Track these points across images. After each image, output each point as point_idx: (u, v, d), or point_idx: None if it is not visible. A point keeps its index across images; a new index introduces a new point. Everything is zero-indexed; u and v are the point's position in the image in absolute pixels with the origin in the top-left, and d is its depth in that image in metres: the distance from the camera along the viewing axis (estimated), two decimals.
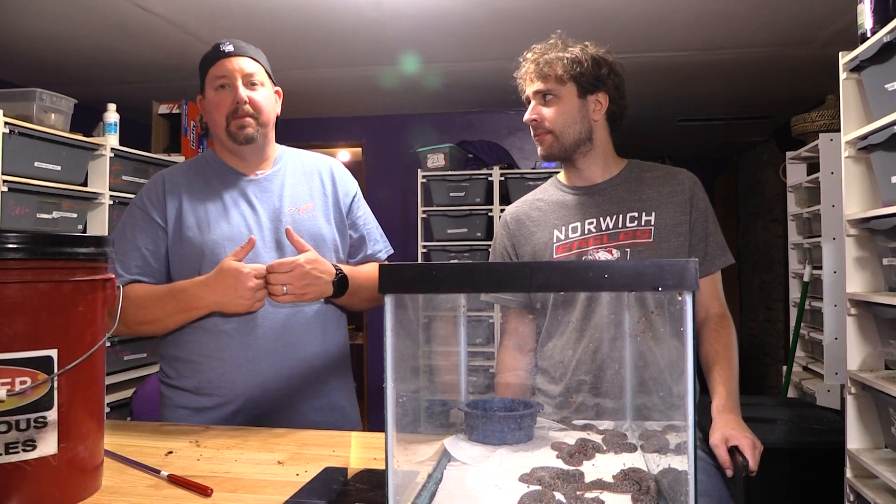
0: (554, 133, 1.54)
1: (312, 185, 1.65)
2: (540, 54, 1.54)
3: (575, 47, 1.53)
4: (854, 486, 1.93)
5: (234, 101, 1.53)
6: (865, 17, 1.89)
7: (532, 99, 1.56)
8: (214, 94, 1.55)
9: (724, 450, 1.27)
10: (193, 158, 1.70)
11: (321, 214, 1.62)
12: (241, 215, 1.56)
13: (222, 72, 1.54)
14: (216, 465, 1.16)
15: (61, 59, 3.45)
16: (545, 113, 1.54)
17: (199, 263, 1.51)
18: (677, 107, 4.65)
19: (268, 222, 1.56)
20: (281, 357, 1.52)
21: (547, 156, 1.57)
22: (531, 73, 1.55)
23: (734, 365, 1.46)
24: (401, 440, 0.82)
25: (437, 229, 4.13)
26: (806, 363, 3.46)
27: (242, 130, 1.54)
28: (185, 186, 1.59)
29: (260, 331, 1.50)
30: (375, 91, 4.21)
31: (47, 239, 0.94)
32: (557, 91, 1.53)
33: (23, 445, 0.90)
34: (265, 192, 1.60)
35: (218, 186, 1.59)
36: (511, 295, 1.62)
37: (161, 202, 1.57)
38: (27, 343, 0.91)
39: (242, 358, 1.50)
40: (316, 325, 1.57)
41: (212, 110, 1.56)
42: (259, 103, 1.56)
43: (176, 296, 1.47)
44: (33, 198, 2.62)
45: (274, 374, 1.52)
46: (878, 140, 1.81)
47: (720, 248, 1.54)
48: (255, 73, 1.56)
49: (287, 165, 1.66)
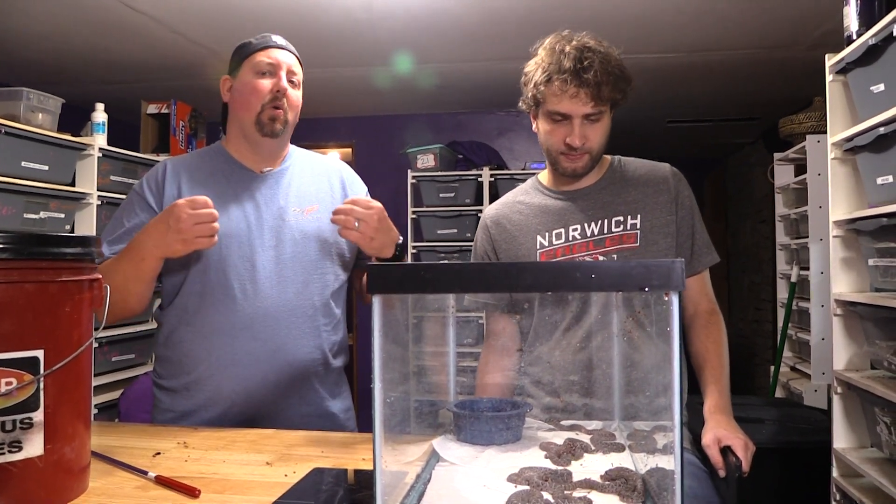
0: (591, 153, 1.48)
1: (320, 188, 1.63)
2: (594, 74, 1.38)
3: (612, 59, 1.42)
4: (840, 485, 1.95)
5: (276, 89, 1.52)
6: (851, 19, 1.90)
7: (575, 119, 1.43)
8: (254, 78, 1.53)
9: (717, 450, 1.27)
10: (203, 149, 1.67)
11: (326, 217, 1.56)
12: (241, 211, 1.53)
13: (271, 59, 1.53)
14: (204, 467, 1.15)
15: (49, 58, 3.42)
16: (591, 135, 1.45)
17: (194, 257, 1.48)
18: (666, 108, 4.67)
19: (270, 220, 1.54)
20: (268, 361, 1.48)
21: (577, 174, 1.51)
22: (583, 94, 1.40)
23: (725, 363, 1.45)
24: (389, 440, 0.82)
25: (427, 230, 4.14)
26: (793, 363, 3.48)
27: (274, 123, 1.53)
28: (187, 174, 1.56)
29: (248, 332, 1.47)
30: (366, 91, 4.21)
31: (33, 239, 0.94)
32: (604, 111, 1.45)
33: (8, 447, 0.90)
34: (271, 190, 1.57)
35: (222, 180, 1.56)
36: (494, 298, 1.59)
37: (160, 188, 1.54)
38: (13, 343, 0.90)
39: (228, 360, 1.47)
40: (308, 330, 1.53)
41: (247, 93, 1.53)
42: (294, 101, 1.56)
43: (125, 252, 1.41)
44: (20, 198, 2.61)
45: (260, 379, 1.48)
46: (863, 142, 1.83)
47: (706, 245, 1.54)
48: (297, 73, 1.58)
49: (295, 165, 1.64)
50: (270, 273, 1.50)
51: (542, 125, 1.50)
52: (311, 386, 1.55)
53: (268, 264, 1.50)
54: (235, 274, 1.48)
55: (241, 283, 1.48)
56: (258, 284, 1.49)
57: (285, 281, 1.51)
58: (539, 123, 1.52)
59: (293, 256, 1.53)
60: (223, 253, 1.48)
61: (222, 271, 1.48)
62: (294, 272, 1.52)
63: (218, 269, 1.48)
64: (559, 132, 1.46)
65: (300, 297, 1.52)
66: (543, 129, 1.50)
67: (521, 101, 1.54)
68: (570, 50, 1.41)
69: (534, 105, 1.50)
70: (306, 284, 1.53)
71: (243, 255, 1.49)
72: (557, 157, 1.49)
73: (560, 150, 1.48)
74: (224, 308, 1.47)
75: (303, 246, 1.54)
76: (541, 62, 1.46)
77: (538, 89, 1.45)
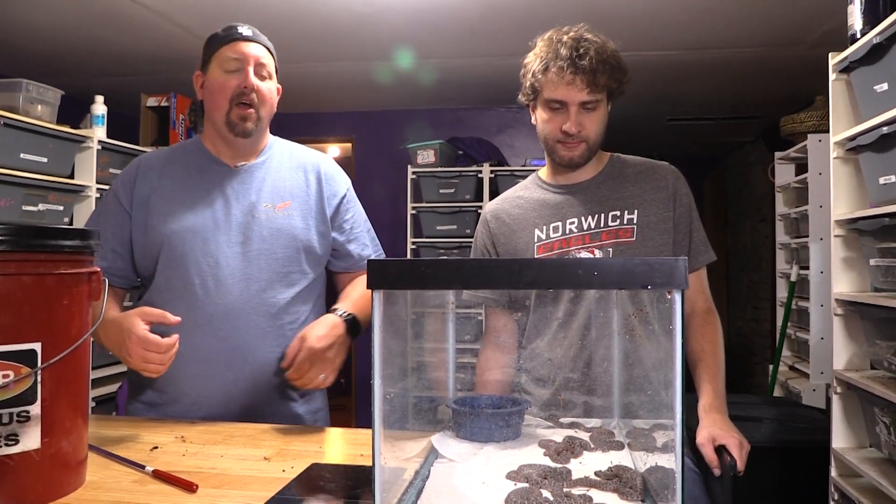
0: (588, 142, 1.49)
1: (296, 183, 1.59)
2: (590, 61, 1.41)
3: (608, 49, 1.45)
4: (839, 484, 1.95)
5: (243, 85, 1.49)
6: (855, 18, 1.89)
7: (571, 106, 1.45)
8: (222, 74, 1.50)
9: (711, 449, 1.27)
10: (177, 144, 1.64)
11: (298, 214, 1.55)
12: (210, 207, 1.50)
13: (237, 54, 1.49)
14: (202, 461, 1.15)
15: (49, 49, 3.41)
16: (587, 123, 1.47)
17: (157, 252, 1.47)
18: (667, 106, 4.66)
19: (239, 216, 1.51)
20: (227, 360, 1.46)
21: (574, 164, 1.51)
22: (579, 80, 1.42)
23: (720, 362, 1.45)
24: (388, 437, 0.81)
25: (427, 226, 4.13)
26: (792, 362, 3.48)
27: (244, 123, 1.50)
28: (159, 171, 1.54)
29: (208, 330, 1.45)
30: (366, 86, 4.20)
31: (31, 231, 0.93)
32: (600, 99, 1.46)
33: (5, 440, 0.89)
34: (243, 185, 1.54)
35: (195, 175, 1.54)
36: (494, 294, 1.59)
37: (131, 185, 1.53)
38: (10, 336, 0.90)
39: (188, 357, 1.41)
40: (270, 329, 1.49)
41: (216, 91, 1.50)
42: (265, 94, 1.52)
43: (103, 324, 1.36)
44: (19, 189, 2.60)
45: (219, 377, 1.46)
46: (866, 141, 1.82)
47: (703, 243, 1.54)
48: (267, 64, 1.53)
49: (273, 158, 1.60)
50: (234, 270, 1.48)
51: (540, 114, 1.52)
52: (274, 386, 1.51)
53: (232, 261, 1.48)
54: (197, 270, 1.47)
55: (202, 279, 1.46)
56: (220, 281, 1.47)
57: (249, 278, 1.48)
58: (537, 114, 1.53)
59: (259, 253, 1.50)
60: (186, 249, 1.47)
61: (185, 267, 1.47)
62: (259, 269, 1.49)
63: (180, 265, 1.47)
64: (556, 120, 1.48)
65: (264, 294, 1.49)
66: (541, 118, 1.51)
67: (521, 93, 1.56)
68: (567, 40, 1.45)
69: (532, 95, 1.52)
70: (271, 282, 1.50)
71: (207, 252, 1.47)
72: (554, 145, 1.51)
73: (557, 139, 1.49)
74: (185, 304, 1.45)
75: (270, 243, 1.51)
76: (539, 52, 1.49)
77: (536, 78, 1.48)
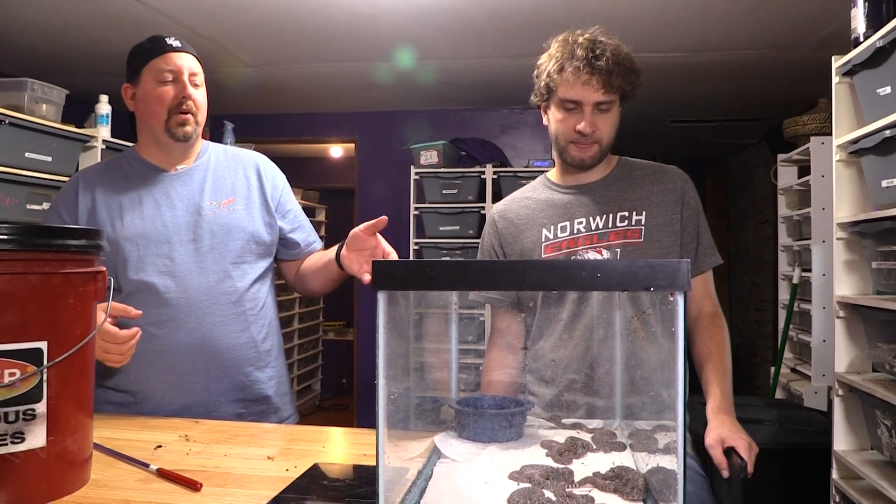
0: (601, 144, 1.49)
1: (236, 180, 1.64)
2: (606, 62, 1.42)
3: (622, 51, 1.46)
4: (840, 487, 1.95)
5: (181, 95, 1.54)
6: (859, 21, 1.90)
7: (586, 106, 1.45)
8: (156, 86, 1.55)
9: (720, 451, 1.27)
10: (114, 157, 1.69)
11: (243, 208, 1.61)
12: (157, 210, 1.55)
13: (170, 65, 1.55)
14: (206, 460, 1.15)
15: (54, 49, 3.42)
16: (601, 124, 1.47)
17: (114, 260, 1.50)
18: (670, 108, 4.66)
19: (185, 216, 1.56)
20: (195, 351, 1.51)
21: (585, 165, 1.52)
22: (595, 81, 1.43)
23: (727, 364, 1.45)
24: (391, 437, 0.82)
25: (430, 226, 4.13)
26: (794, 364, 3.48)
27: (183, 128, 1.56)
28: (99, 184, 1.58)
29: (173, 324, 1.50)
30: (369, 87, 4.20)
31: (38, 230, 0.94)
32: (614, 101, 1.47)
33: (11, 438, 0.90)
34: (185, 187, 1.60)
35: (136, 182, 1.59)
36: (500, 294, 1.60)
37: (73, 201, 1.56)
38: (16, 335, 0.90)
39: (155, 352, 1.48)
40: (233, 315, 1.55)
41: (152, 101, 1.55)
42: (199, 103, 1.59)
43: None
44: (23, 188, 2.61)
45: (189, 368, 1.51)
46: (869, 144, 1.82)
47: (710, 247, 1.54)
48: (198, 73, 1.60)
49: (211, 160, 1.66)
50: (191, 265, 1.53)
51: (554, 114, 1.51)
52: (242, 370, 1.57)
53: (187, 257, 1.53)
54: (154, 270, 1.51)
55: (161, 278, 1.51)
56: (178, 277, 1.52)
57: (206, 271, 1.54)
58: (550, 114, 1.53)
59: (212, 248, 1.55)
60: (141, 253, 1.51)
61: (142, 270, 1.51)
62: (215, 262, 1.55)
63: (137, 269, 1.51)
64: (570, 120, 1.48)
65: (223, 284, 1.55)
66: (555, 118, 1.51)
67: (533, 94, 1.55)
68: (583, 41, 1.45)
69: (546, 95, 1.52)
70: (227, 272, 1.56)
71: (161, 253, 1.52)
72: (567, 146, 1.51)
73: (570, 139, 1.49)
74: (148, 303, 1.48)
75: (221, 237, 1.57)
76: (554, 53, 1.49)
77: (551, 77, 1.47)
